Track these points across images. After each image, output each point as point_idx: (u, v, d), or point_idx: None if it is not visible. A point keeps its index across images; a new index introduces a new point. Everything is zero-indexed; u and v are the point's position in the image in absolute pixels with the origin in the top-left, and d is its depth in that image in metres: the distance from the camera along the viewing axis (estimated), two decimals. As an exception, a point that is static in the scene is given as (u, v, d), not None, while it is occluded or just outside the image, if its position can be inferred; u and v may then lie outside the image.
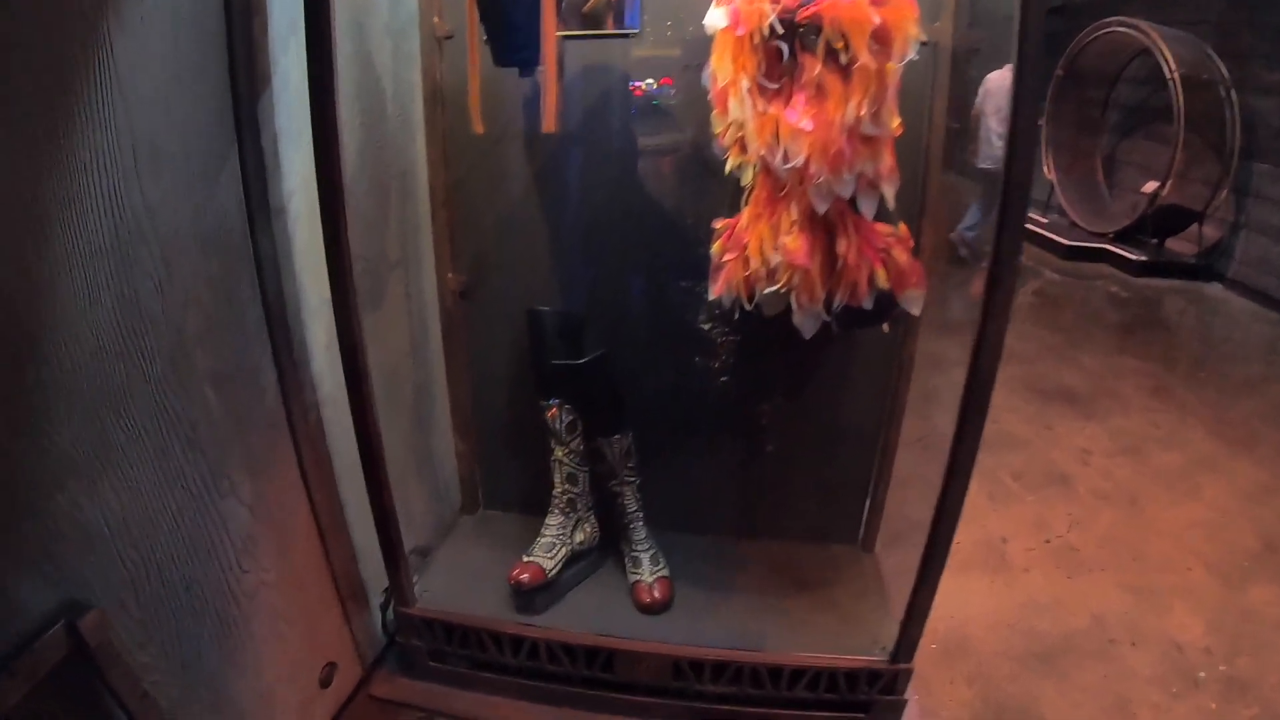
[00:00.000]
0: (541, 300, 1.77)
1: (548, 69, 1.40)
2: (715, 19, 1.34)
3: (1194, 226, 5.85)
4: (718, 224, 1.49)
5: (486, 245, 1.85)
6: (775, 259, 1.35)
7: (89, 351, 1.03)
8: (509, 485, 2.09)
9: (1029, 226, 5.43)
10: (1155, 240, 6.12)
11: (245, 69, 1.29)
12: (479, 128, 1.51)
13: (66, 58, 0.97)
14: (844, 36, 1.24)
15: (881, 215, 1.39)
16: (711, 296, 1.49)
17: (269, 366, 1.43)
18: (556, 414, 1.74)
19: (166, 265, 1.15)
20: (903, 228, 1.44)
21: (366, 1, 1.61)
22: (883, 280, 1.36)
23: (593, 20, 1.62)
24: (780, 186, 1.34)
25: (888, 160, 1.33)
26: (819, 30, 1.25)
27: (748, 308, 1.43)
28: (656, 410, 1.86)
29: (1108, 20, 6.12)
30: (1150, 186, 5.86)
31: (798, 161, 1.27)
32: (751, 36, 1.29)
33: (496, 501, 2.13)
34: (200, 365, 1.24)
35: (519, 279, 1.86)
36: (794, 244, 1.33)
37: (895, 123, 1.33)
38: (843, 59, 1.26)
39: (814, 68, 1.26)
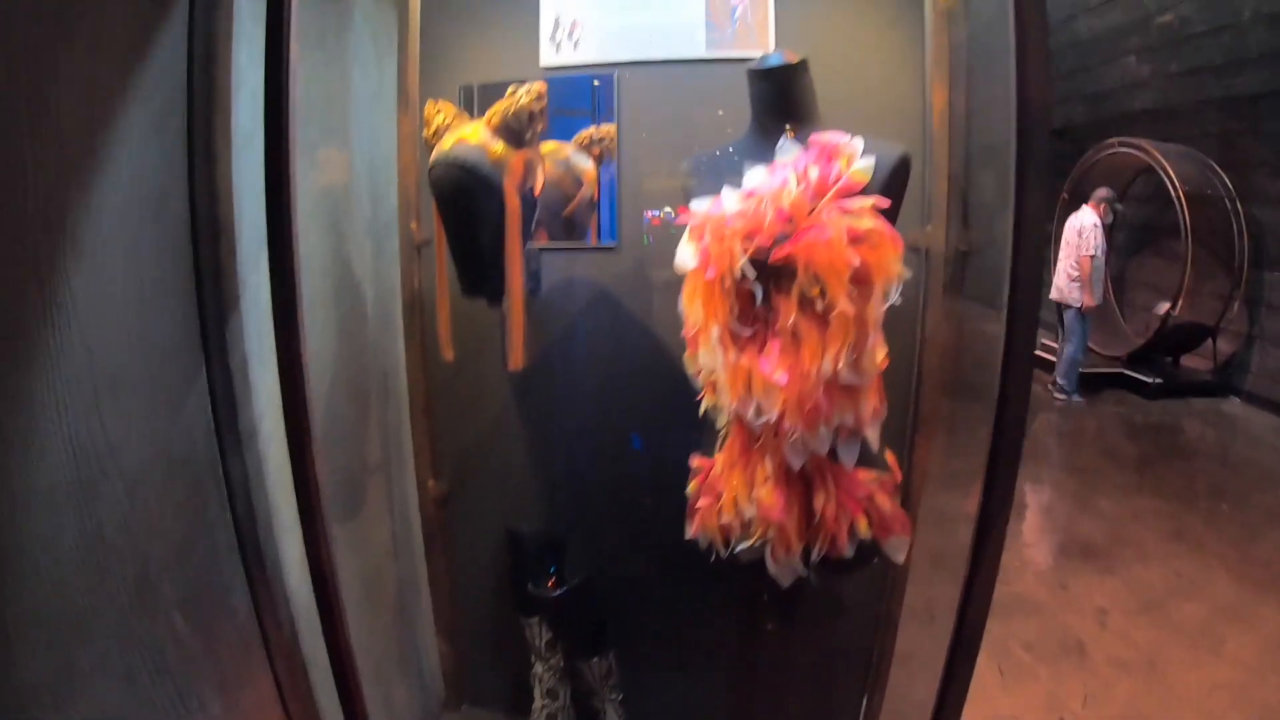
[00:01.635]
0: (522, 515, 1.73)
1: (513, 304, 1.35)
2: (684, 258, 1.28)
3: (1208, 342, 5.78)
4: (694, 462, 1.41)
5: (467, 457, 1.81)
6: (750, 512, 1.27)
7: (52, 585, 0.99)
8: (492, 683, 2.00)
9: (1038, 353, 5.39)
10: (1169, 358, 6.06)
11: (213, 292, 1.26)
12: (448, 355, 1.47)
13: (18, 295, 0.93)
14: (819, 282, 1.17)
15: (865, 452, 1.31)
16: (688, 537, 1.40)
17: (241, 586, 1.36)
18: (535, 631, 1.68)
19: (130, 498, 1.10)
20: (890, 458, 1.37)
21: (347, 203, 1.60)
22: (864, 531, 1.27)
23: (573, 225, 1.60)
24: (755, 437, 1.27)
25: (870, 404, 1.25)
26: (794, 272, 1.18)
27: (722, 555, 1.34)
28: (641, 624, 1.78)
29: (1109, 141, 6.18)
30: (1163, 308, 5.82)
31: (771, 416, 1.19)
32: (723, 279, 1.22)
33: (480, 699, 2.03)
34: (167, 592, 1.18)
35: (500, 492, 1.82)
36: (769, 498, 1.25)
37: (880, 356, 1.25)
38: (819, 305, 1.18)
39: (789, 314, 1.19)
